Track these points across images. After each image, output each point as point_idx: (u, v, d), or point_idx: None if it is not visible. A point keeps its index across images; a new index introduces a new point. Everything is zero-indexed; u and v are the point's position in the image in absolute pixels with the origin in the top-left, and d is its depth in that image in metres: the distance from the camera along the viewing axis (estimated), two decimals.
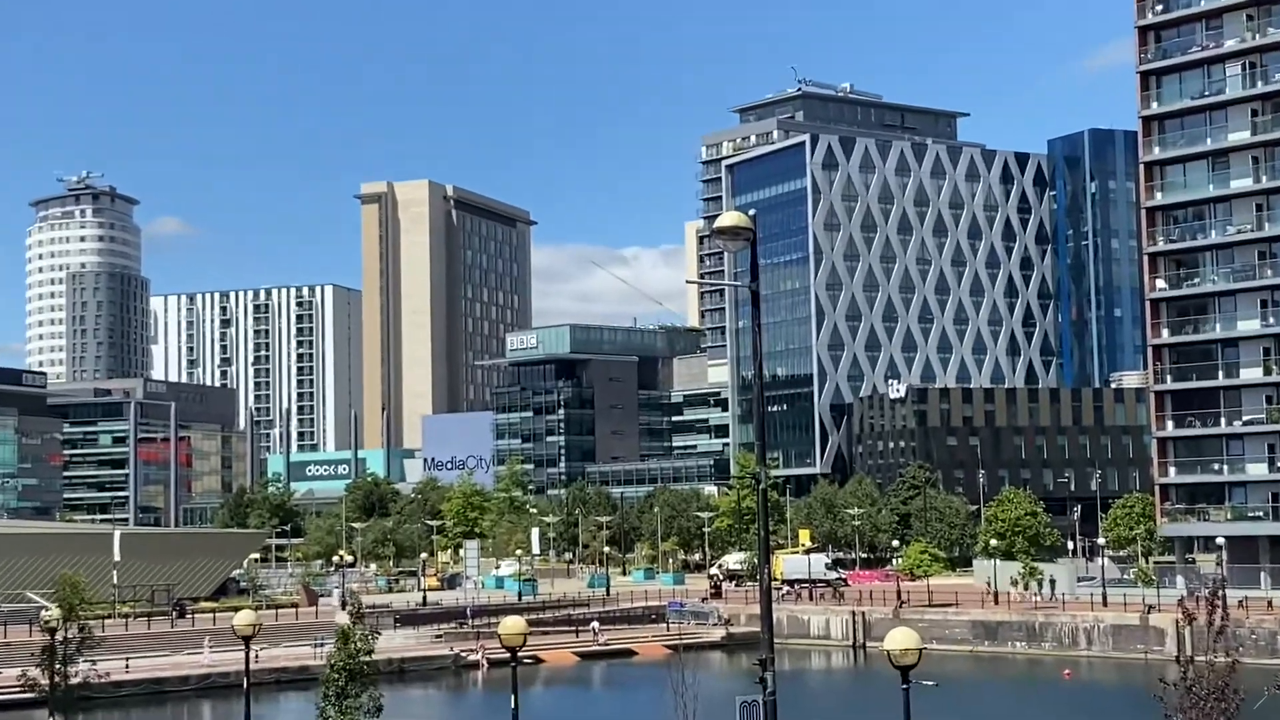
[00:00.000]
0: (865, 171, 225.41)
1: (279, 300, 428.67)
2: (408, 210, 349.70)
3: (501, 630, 30.67)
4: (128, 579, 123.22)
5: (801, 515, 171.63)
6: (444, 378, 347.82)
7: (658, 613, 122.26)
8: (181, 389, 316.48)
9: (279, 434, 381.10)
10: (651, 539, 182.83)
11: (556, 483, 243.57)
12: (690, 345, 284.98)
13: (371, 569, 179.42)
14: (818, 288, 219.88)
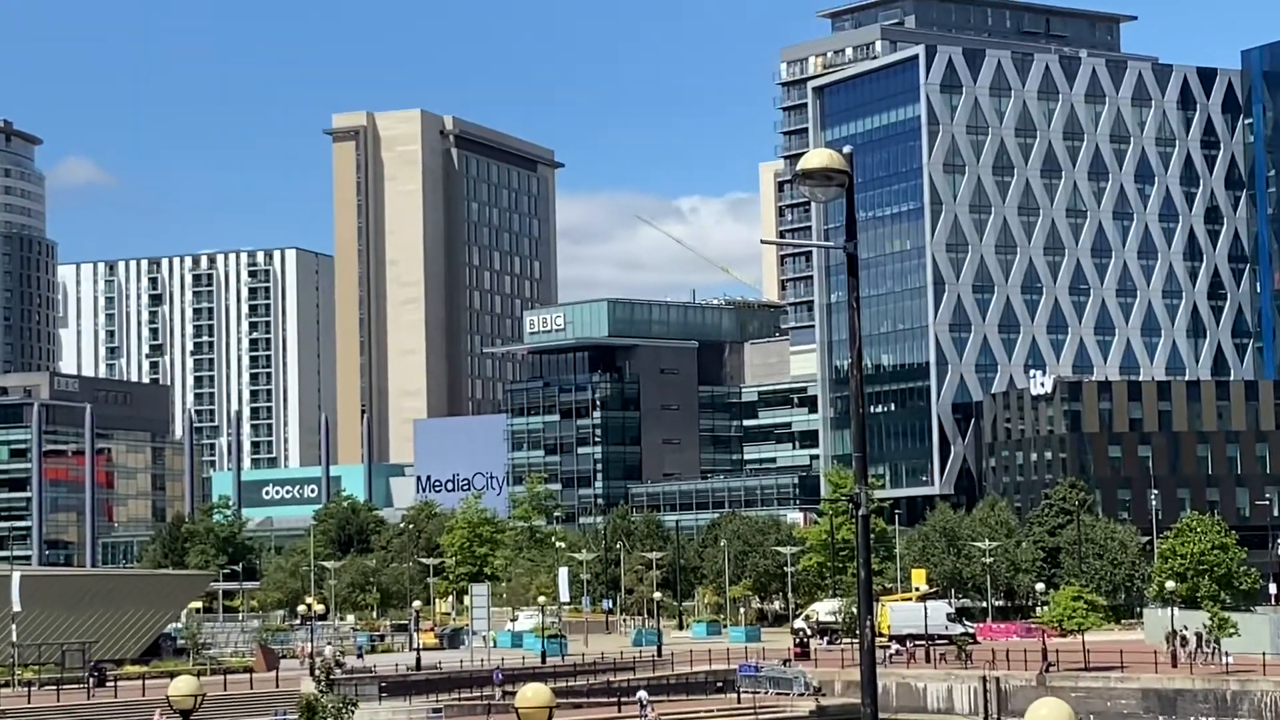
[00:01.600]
0: (999, 95, 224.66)
1: (225, 269, 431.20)
2: (394, 149, 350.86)
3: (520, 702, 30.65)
4: (31, 635, 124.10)
5: (915, 550, 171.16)
6: (442, 371, 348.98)
7: (725, 679, 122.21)
8: (99, 386, 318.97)
9: (226, 445, 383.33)
10: (716, 582, 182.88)
11: (591, 508, 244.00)
12: (766, 326, 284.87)
13: (348, 621, 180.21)
14: (935, 249, 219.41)
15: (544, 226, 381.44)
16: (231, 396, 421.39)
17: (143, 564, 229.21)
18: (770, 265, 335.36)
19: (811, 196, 23.34)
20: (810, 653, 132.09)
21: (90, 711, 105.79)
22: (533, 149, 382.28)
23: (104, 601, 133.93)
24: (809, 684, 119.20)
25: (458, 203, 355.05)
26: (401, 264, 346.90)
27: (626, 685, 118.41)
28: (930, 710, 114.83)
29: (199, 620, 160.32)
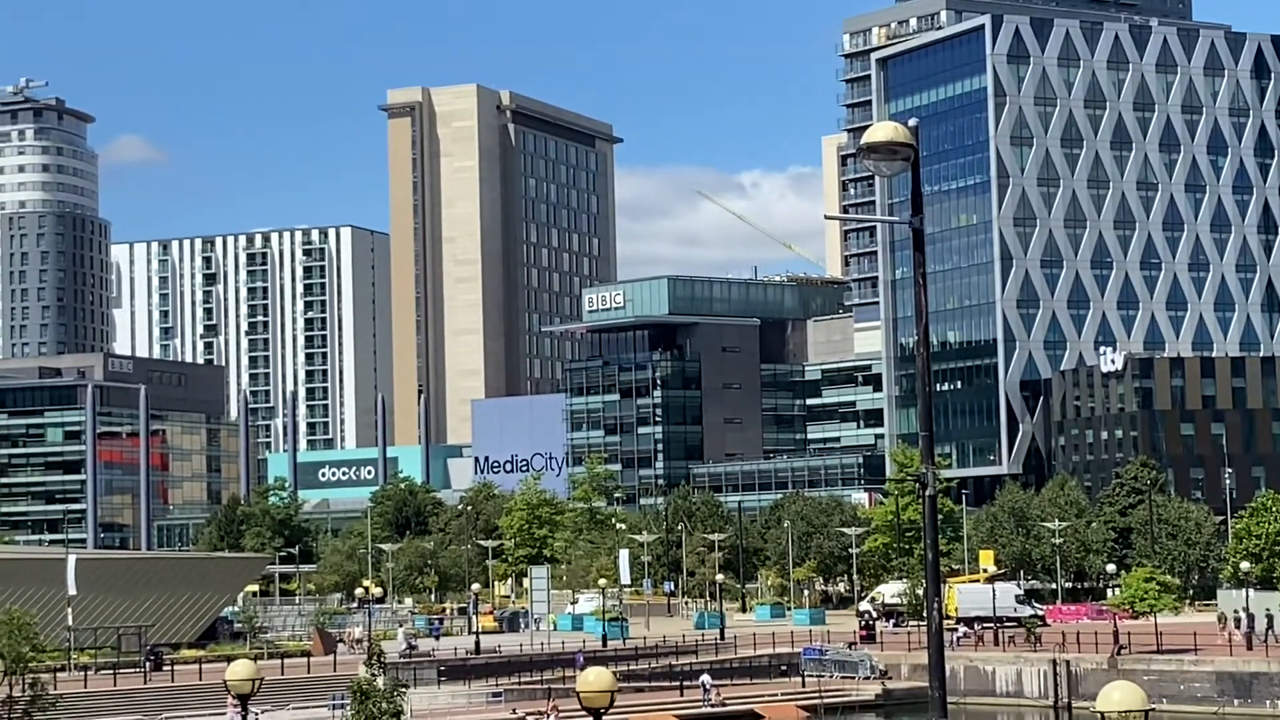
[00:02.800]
0: (1067, 65, 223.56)
1: (280, 248, 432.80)
2: (450, 125, 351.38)
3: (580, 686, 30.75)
4: (86, 619, 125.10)
5: (983, 531, 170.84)
6: (499, 350, 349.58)
7: (789, 662, 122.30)
8: (153, 367, 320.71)
9: (282, 426, 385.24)
10: (780, 564, 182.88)
11: (652, 489, 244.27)
12: (830, 303, 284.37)
13: (406, 605, 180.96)
14: (1003, 223, 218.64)
15: (602, 203, 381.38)
16: (287, 377, 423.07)
17: (198, 547, 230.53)
18: (833, 241, 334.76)
19: (876, 170, 23.32)
20: (876, 635, 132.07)
21: (147, 695, 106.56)
22: (591, 124, 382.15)
23: (160, 585, 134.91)
24: (875, 667, 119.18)
25: (515, 179, 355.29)
26: (458, 241, 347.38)
27: (689, 669, 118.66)
28: (999, 694, 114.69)
29: (255, 603, 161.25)
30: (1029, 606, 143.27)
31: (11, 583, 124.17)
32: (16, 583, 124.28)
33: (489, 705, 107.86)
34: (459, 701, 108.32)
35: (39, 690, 56.02)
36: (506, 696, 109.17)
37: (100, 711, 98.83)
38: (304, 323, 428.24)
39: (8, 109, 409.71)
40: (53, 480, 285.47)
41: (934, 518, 23.98)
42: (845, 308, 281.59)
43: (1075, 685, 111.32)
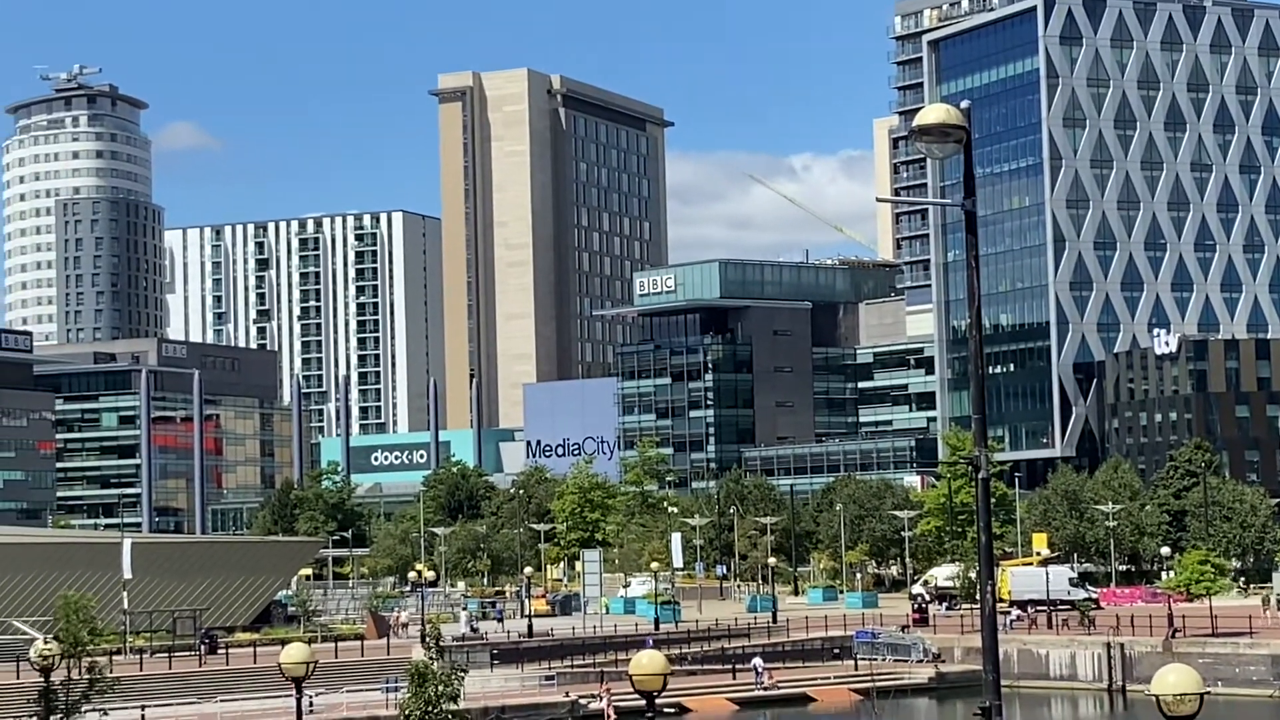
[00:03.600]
0: (1120, 46, 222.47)
1: (332, 233, 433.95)
2: (500, 109, 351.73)
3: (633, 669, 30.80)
4: (142, 602, 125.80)
5: (1036, 514, 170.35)
6: (551, 334, 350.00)
7: (842, 645, 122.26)
8: (207, 352, 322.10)
9: (335, 410, 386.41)
10: (832, 547, 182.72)
11: (704, 473, 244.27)
12: (882, 286, 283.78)
13: (459, 588, 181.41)
14: (1055, 206, 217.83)
15: (653, 186, 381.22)
16: (339, 361, 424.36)
17: (252, 530, 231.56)
18: (885, 224, 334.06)
19: (928, 153, 23.26)
20: (929, 619, 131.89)
21: (202, 678, 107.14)
22: (641, 108, 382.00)
23: (214, 568, 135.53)
24: (928, 650, 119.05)
25: (566, 163, 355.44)
26: (509, 226, 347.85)
27: (741, 652, 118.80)
28: (1053, 677, 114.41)
29: (309, 587, 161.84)
30: (1082, 590, 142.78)
31: (68, 566, 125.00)
32: (73, 566, 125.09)
33: (542, 688, 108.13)
34: (512, 685, 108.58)
35: (96, 673, 56.26)
36: (560, 680, 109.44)
37: (156, 694, 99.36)
38: (356, 307, 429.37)
39: (62, 96, 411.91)
40: (108, 465, 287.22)
41: (987, 501, 23.94)
42: (897, 291, 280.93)
43: (1129, 669, 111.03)
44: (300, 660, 39.47)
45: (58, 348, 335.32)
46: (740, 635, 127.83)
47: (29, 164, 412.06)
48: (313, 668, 39.93)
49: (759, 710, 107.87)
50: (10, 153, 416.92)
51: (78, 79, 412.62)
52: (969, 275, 24.47)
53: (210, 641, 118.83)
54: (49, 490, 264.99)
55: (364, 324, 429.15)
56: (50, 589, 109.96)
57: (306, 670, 39.50)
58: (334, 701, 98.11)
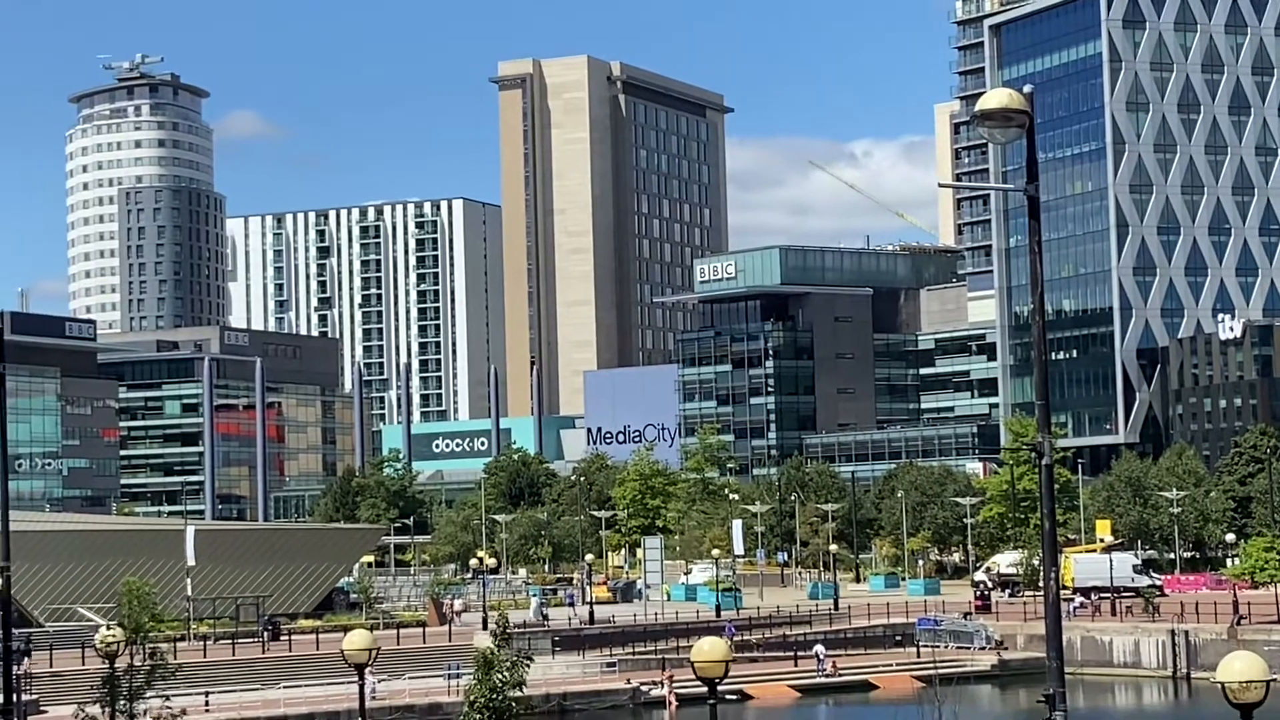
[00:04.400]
0: (1183, 29, 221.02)
1: (393, 221, 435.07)
2: (560, 97, 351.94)
3: (695, 656, 30.83)
4: (205, 589, 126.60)
5: (1099, 500, 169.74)
6: (611, 321, 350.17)
7: (904, 633, 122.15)
8: (269, 340, 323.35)
9: (396, 398, 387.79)
10: (894, 534, 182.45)
11: (765, 460, 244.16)
12: (943, 272, 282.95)
13: (520, 575, 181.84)
14: (1119, 190, 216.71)
15: (713, 173, 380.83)
16: (400, 349, 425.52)
17: (314, 518, 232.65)
18: (946, 209, 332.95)
19: (990, 138, 23.19)
20: (991, 606, 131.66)
21: (265, 665, 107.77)
22: (701, 94, 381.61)
23: (277, 556, 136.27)
24: (990, 638, 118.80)
25: (626, 150, 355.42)
26: (569, 213, 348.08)
27: (803, 639, 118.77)
28: (1116, 664, 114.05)
29: (371, 574, 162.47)
30: (1146, 576, 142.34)
31: (132, 554, 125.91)
32: (137, 554, 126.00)
33: (604, 675, 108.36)
34: (574, 672, 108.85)
35: (159, 659, 56.56)
36: (621, 666, 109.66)
37: (219, 681, 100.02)
38: (417, 295, 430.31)
39: (124, 85, 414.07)
40: (171, 452, 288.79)
41: (1051, 487, 23.87)
42: (958, 277, 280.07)
43: (1194, 656, 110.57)
44: (363, 647, 39.63)
45: (121, 336, 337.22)
46: (802, 622, 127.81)
47: (92, 153, 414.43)
48: (375, 654, 40.09)
49: (821, 697, 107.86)
50: (73, 142, 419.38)
51: (140, 68, 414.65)
52: (1032, 261, 24.37)
53: (273, 628, 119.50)
54: (113, 478, 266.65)
55: (425, 311, 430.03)
56: (114, 576, 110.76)
57: (369, 657, 39.67)
58: (396, 688, 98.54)
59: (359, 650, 39.65)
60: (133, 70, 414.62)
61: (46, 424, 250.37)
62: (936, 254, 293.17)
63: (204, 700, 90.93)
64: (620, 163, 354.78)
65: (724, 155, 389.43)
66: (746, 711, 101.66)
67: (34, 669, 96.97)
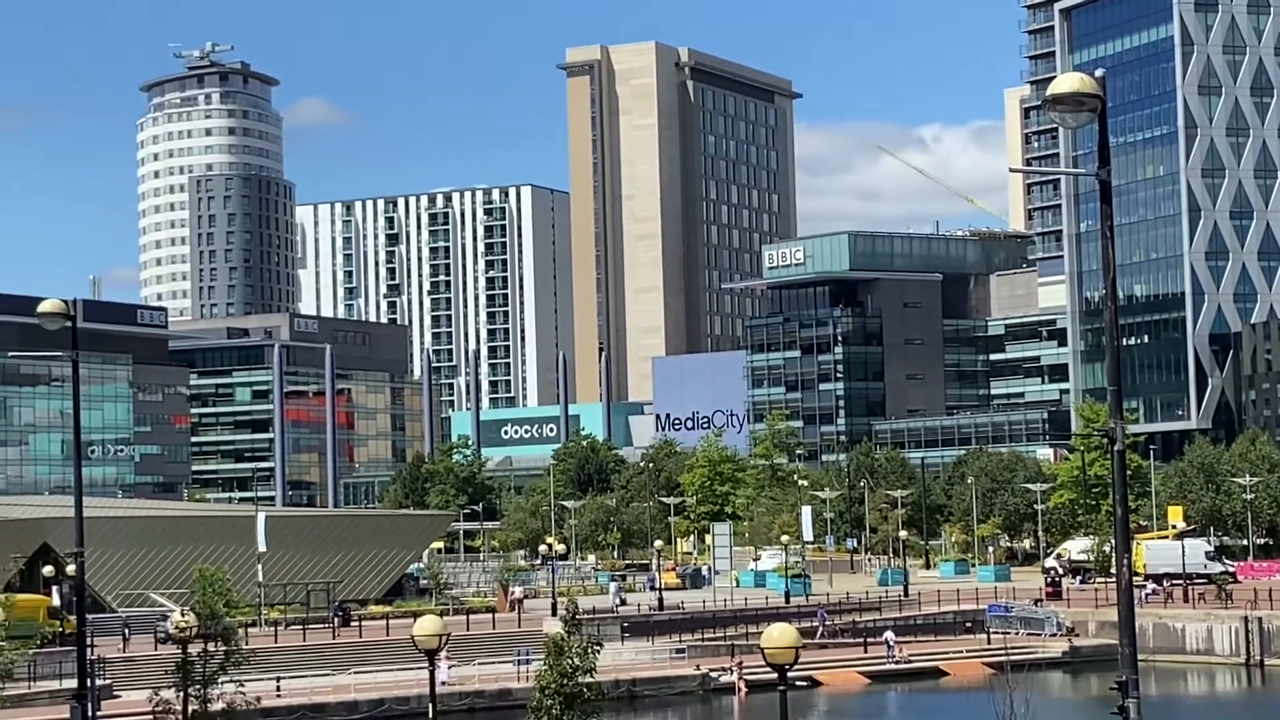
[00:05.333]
0: (1256, 12, 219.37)
1: (461, 207, 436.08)
2: (628, 83, 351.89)
3: (765, 642, 30.86)
4: (276, 575, 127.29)
5: (1172, 486, 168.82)
6: (680, 307, 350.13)
7: (974, 619, 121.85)
8: (338, 327, 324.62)
9: (465, 384, 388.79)
10: (964, 520, 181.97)
11: (834, 446, 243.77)
12: (1013, 257, 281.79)
13: (590, 561, 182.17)
14: (1190, 174, 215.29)
15: (782, 159, 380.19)
16: (469, 335, 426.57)
17: (384, 504, 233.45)
18: (1016, 194, 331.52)
19: (1061, 122, 23.14)
20: (1062, 592, 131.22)
21: (336, 651, 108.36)
22: (769, 80, 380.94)
23: (347, 542, 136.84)
24: (1061, 624, 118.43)
25: (694, 136, 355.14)
26: (637, 200, 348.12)
27: (873, 625, 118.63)
28: (1189, 651, 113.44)
29: (441, 560, 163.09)
30: (1219, 563, 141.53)
31: (203, 540, 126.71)
32: (208, 540, 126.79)
33: (673, 661, 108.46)
34: (643, 658, 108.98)
35: (232, 644, 57.07)
36: (690, 653, 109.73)
37: (290, 666, 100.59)
38: (485, 281, 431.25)
39: (195, 73, 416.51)
40: (241, 439, 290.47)
41: (1123, 473, 23.80)
42: (1029, 262, 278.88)
43: (1268, 643, 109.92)
44: (433, 633, 39.86)
45: (192, 323, 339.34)
46: (871, 608, 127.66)
47: (163, 141, 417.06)
48: (445, 640, 40.32)
49: (891, 684, 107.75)
50: (145, 130, 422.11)
51: (210, 56, 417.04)
52: (1104, 246, 24.29)
53: (344, 614, 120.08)
54: (184, 464, 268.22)
55: (493, 298, 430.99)
56: (186, 562, 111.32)
57: (439, 643, 39.89)
58: (466, 673, 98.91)
59: (429, 636, 39.88)
60: (203, 59, 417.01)
61: (119, 411, 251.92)
62: (1007, 239, 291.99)
63: (275, 685, 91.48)
64: (688, 149, 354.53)
65: (792, 141, 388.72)
66: (816, 698, 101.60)
67: (107, 654, 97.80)
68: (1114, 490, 24.02)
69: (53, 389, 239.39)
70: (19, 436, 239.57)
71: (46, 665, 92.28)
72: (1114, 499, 24.09)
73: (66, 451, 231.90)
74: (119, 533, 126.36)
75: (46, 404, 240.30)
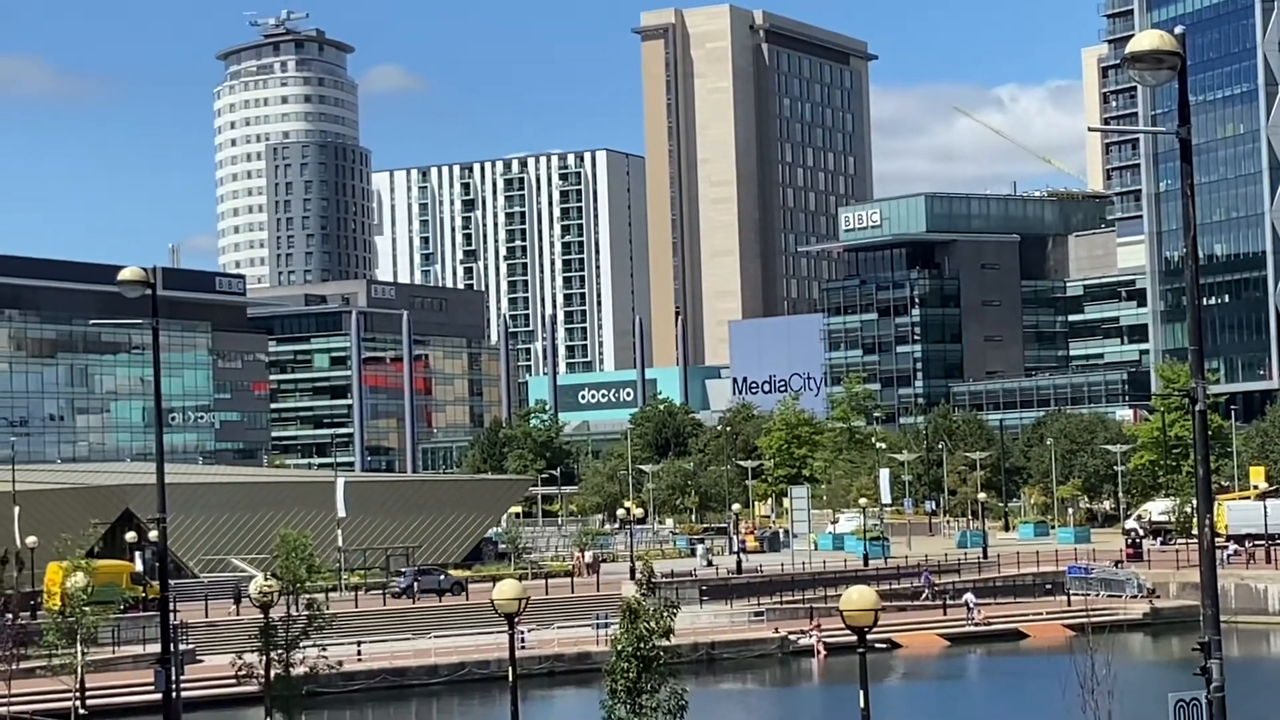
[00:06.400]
0: None
1: (537, 173, 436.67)
2: (703, 46, 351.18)
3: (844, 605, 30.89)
4: (356, 540, 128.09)
5: (1253, 446, 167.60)
6: (756, 271, 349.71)
7: (1054, 581, 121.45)
8: (415, 292, 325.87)
9: (541, 349, 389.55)
10: (1043, 482, 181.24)
11: (911, 408, 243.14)
12: (1092, 217, 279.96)
13: (668, 525, 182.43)
14: (1271, 132, 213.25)
15: (857, 121, 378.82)
16: (545, 300, 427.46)
17: (462, 469, 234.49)
18: (1095, 154, 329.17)
19: (1140, 81, 22.95)
20: (1143, 554, 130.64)
21: (415, 615, 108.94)
22: (845, 41, 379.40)
23: (426, 507, 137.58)
24: (1142, 586, 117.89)
25: (768, 99, 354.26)
26: (713, 163, 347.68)
27: (952, 587, 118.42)
28: (1271, 612, 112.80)
29: (519, 525, 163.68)
30: None
31: (283, 505, 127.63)
32: (288, 506, 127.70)
33: (751, 624, 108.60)
34: (721, 621, 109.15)
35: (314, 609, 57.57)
36: (769, 616, 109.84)
37: (371, 631, 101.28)
38: (561, 246, 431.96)
39: (270, 41, 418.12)
40: (320, 405, 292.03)
41: (1205, 433, 23.65)
42: (1107, 222, 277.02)
43: None
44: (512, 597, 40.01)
45: (270, 290, 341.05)
46: (950, 571, 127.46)
47: (239, 109, 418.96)
48: (524, 604, 40.47)
49: (970, 646, 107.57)
50: (221, 99, 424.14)
51: (285, 24, 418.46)
52: (1184, 205, 24.11)
53: (458, 584, 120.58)
54: (264, 430, 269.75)
55: (569, 263, 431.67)
56: (267, 528, 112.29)
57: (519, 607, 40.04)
58: (545, 637, 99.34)
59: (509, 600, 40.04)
60: (279, 26, 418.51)
61: (198, 378, 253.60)
62: (1085, 199, 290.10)
63: (356, 650, 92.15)
64: (763, 112, 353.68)
65: (868, 103, 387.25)
66: (895, 660, 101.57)
67: (190, 619, 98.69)
68: (1195, 451, 23.88)
69: (133, 357, 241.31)
70: (101, 404, 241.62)
71: (130, 630, 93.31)
72: (1195, 459, 23.95)
73: (148, 419, 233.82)
74: (200, 499, 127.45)
75: (127, 372, 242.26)
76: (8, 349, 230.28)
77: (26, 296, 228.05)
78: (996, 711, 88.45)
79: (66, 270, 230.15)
